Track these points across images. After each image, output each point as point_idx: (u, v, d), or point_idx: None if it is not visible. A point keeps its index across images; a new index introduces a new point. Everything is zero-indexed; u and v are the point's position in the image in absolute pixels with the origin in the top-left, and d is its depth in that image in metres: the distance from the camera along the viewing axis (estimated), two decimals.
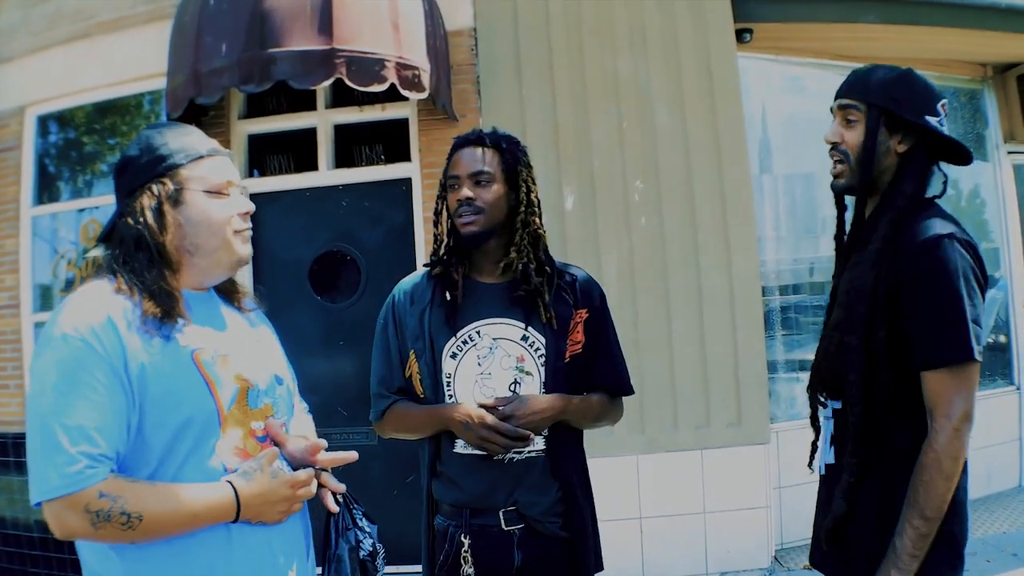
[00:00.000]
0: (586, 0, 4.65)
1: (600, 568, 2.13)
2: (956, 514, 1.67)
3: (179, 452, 1.46)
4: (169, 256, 1.54)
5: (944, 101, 1.80)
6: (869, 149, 1.78)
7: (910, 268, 1.65)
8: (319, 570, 1.73)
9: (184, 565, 1.46)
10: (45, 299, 5.26)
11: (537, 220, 2.11)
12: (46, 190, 5.32)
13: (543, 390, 2.03)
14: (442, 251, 2.13)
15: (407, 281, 2.19)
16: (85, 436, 1.36)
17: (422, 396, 2.07)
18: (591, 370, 2.11)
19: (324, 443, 1.69)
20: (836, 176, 1.87)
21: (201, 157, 1.58)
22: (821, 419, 1.92)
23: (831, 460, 1.84)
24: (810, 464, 1.98)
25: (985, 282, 1.70)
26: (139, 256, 1.51)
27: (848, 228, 1.91)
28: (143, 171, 1.55)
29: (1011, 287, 5.93)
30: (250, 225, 1.65)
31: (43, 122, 5.33)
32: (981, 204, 6.07)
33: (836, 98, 1.86)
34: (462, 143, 2.11)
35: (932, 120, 1.77)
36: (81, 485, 1.34)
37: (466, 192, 2.04)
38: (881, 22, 4.86)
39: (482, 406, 1.97)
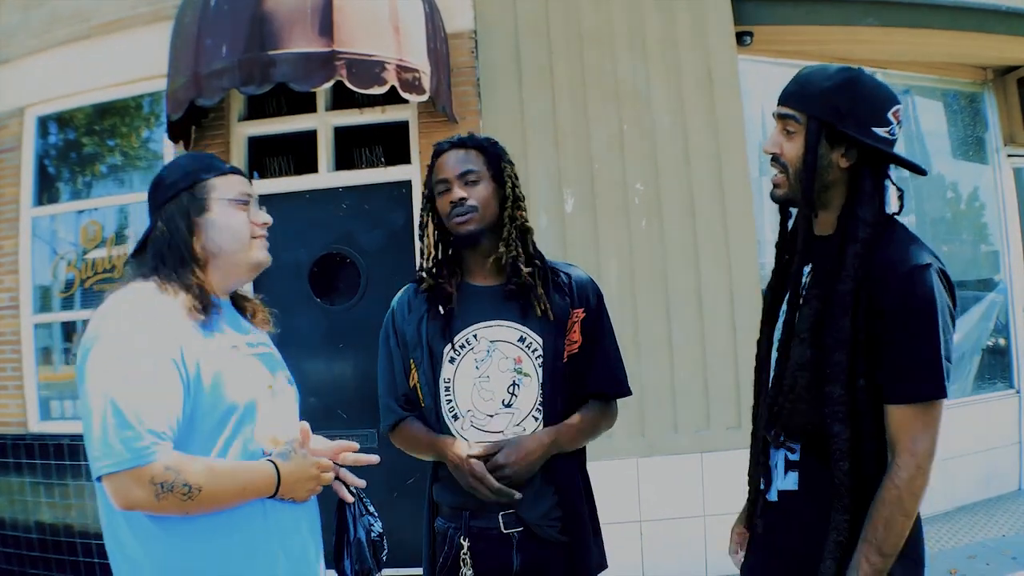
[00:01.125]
0: (586, 3, 4.65)
1: (604, 566, 2.13)
2: (917, 540, 1.64)
3: (222, 436, 1.61)
4: (197, 256, 1.71)
5: (898, 107, 1.65)
6: (809, 165, 1.64)
7: (890, 302, 1.56)
8: None
9: (227, 536, 1.60)
10: (45, 300, 5.27)
11: (523, 214, 2.12)
12: (46, 191, 5.32)
13: (541, 392, 2.03)
14: (430, 264, 2.12)
15: (405, 291, 2.18)
16: (151, 416, 1.50)
17: (423, 405, 2.06)
18: (587, 373, 2.10)
19: (355, 445, 1.88)
20: (776, 186, 1.74)
21: (224, 173, 1.79)
22: (771, 450, 1.80)
23: (790, 487, 1.73)
24: (755, 509, 1.86)
25: (955, 312, 1.62)
26: (171, 256, 1.69)
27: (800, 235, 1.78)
28: (173, 185, 1.75)
29: (1011, 291, 5.93)
30: (266, 235, 1.82)
31: (43, 123, 5.33)
32: (981, 207, 6.07)
33: (778, 104, 1.72)
34: (444, 148, 2.12)
35: (880, 131, 1.62)
36: (150, 459, 1.47)
37: (458, 192, 2.04)
38: (881, 25, 4.87)
39: (474, 455, 1.96)
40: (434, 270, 2.11)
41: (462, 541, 2.00)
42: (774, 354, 1.80)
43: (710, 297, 4.52)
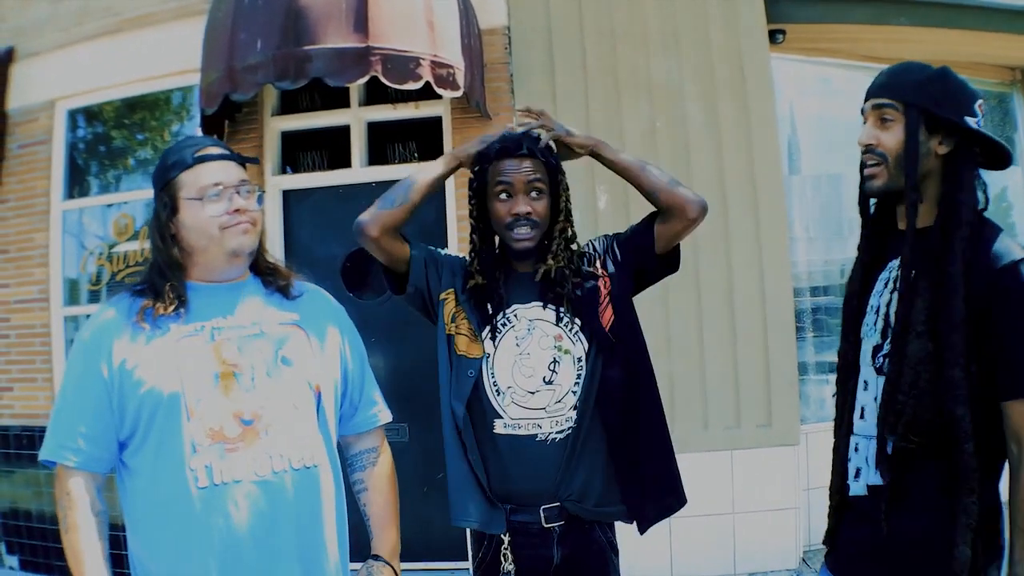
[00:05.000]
0: None
1: (683, 501, 2.17)
2: (1001, 525, 1.66)
3: (151, 432, 1.64)
4: (173, 260, 1.73)
5: (981, 101, 1.70)
6: (911, 151, 1.67)
7: (997, 294, 1.58)
8: None
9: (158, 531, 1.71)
10: (74, 293, 5.29)
11: (571, 229, 2.14)
12: (76, 184, 5.34)
13: (578, 367, 2.05)
14: (476, 265, 2.12)
15: (452, 253, 2.25)
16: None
17: (462, 352, 2.08)
18: (631, 234, 2.19)
19: None
20: (871, 177, 1.75)
21: (189, 166, 1.74)
22: (856, 441, 1.81)
23: (878, 481, 1.73)
24: (839, 491, 1.88)
25: None
26: (155, 260, 1.75)
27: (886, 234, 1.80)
28: (154, 185, 1.79)
29: None
30: (243, 219, 1.74)
31: (73, 116, 5.35)
32: (1008, 207, 6.05)
33: (868, 98, 1.75)
34: (508, 152, 2.08)
35: (971, 121, 1.66)
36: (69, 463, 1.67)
37: (524, 207, 2.04)
38: (913, 24, 4.86)
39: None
40: (479, 268, 2.12)
41: (503, 536, 2.02)
42: (866, 358, 1.80)
43: (741, 295, 4.52)
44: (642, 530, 2.10)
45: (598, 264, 2.14)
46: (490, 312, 2.07)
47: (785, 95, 5.05)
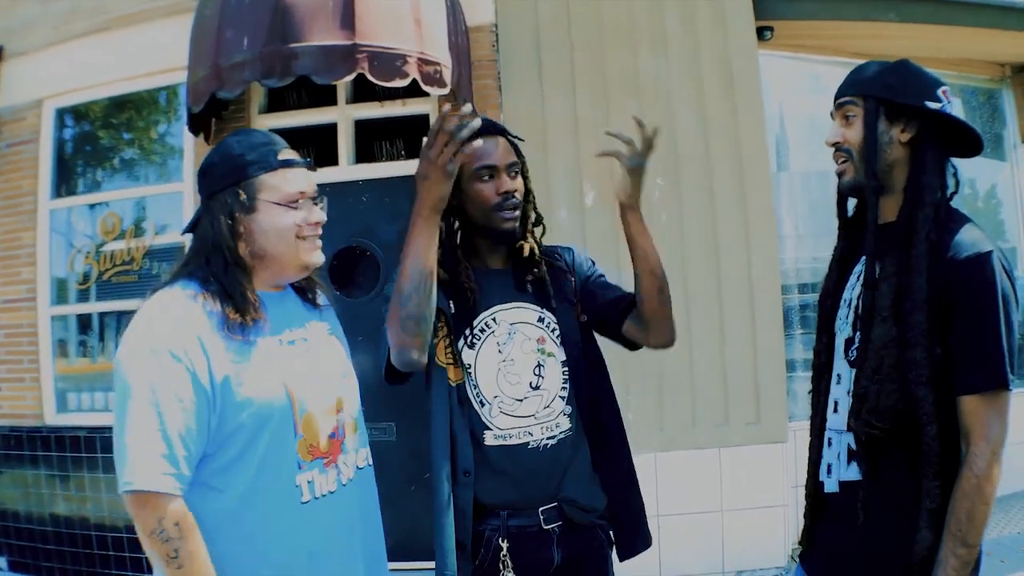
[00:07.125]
0: None
1: (648, 543, 2.11)
2: None
3: (254, 446, 1.55)
4: (242, 260, 1.65)
5: (945, 88, 1.69)
6: (870, 141, 1.70)
7: (960, 285, 1.57)
8: None
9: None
10: (62, 292, 5.27)
11: (535, 211, 2.12)
12: (64, 184, 5.31)
13: (564, 368, 2.02)
14: (439, 254, 2.04)
15: None
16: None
17: (457, 381, 1.98)
18: (611, 298, 2.09)
19: None
20: (841, 174, 1.77)
21: (273, 168, 1.66)
22: (830, 435, 1.81)
23: (852, 477, 1.72)
24: (814, 490, 1.86)
25: (1018, 300, 1.64)
26: (216, 257, 1.63)
27: (868, 229, 1.77)
28: (220, 179, 1.66)
29: None
30: (319, 233, 1.72)
31: (60, 115, 5.33)
32: (998, 204, 6.07)
33: (834, 100, 1.79)
34: (481, 134, 1.99)
35: (933, 105, 1.67)
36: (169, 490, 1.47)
37: (510, 184, 1.99)
38: (902, 21, 4.87)
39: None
40: (445, 258, 2.04)
41: (501, 542, 1.94)
42: (840, 352, 1.79)
43: (730, 292, 4.51)
44: (622, 558, 2.07)
45: (572, 280, 2.12)
46: (464, 316, 2.00)
47: (773, 92, 5.05)
